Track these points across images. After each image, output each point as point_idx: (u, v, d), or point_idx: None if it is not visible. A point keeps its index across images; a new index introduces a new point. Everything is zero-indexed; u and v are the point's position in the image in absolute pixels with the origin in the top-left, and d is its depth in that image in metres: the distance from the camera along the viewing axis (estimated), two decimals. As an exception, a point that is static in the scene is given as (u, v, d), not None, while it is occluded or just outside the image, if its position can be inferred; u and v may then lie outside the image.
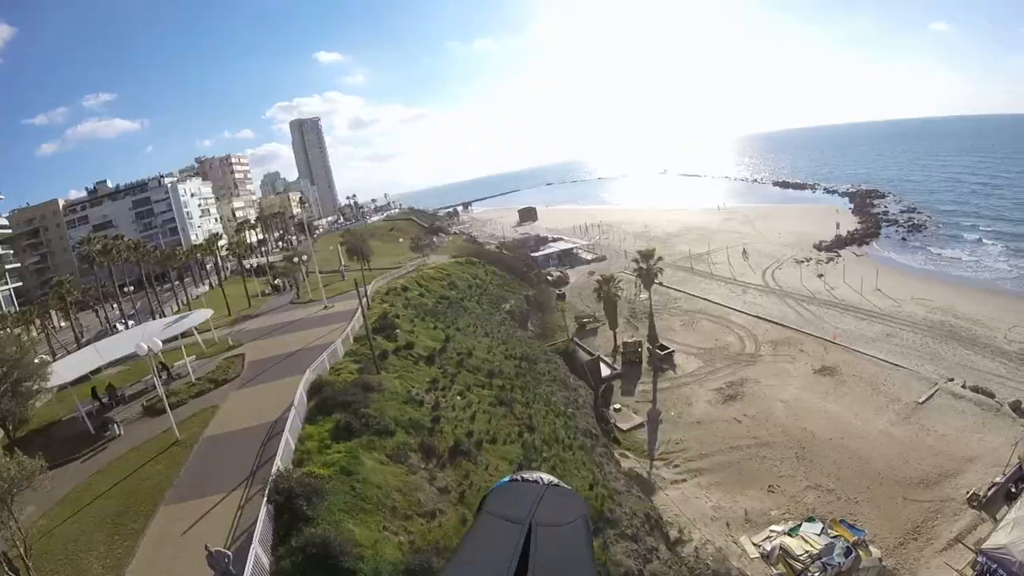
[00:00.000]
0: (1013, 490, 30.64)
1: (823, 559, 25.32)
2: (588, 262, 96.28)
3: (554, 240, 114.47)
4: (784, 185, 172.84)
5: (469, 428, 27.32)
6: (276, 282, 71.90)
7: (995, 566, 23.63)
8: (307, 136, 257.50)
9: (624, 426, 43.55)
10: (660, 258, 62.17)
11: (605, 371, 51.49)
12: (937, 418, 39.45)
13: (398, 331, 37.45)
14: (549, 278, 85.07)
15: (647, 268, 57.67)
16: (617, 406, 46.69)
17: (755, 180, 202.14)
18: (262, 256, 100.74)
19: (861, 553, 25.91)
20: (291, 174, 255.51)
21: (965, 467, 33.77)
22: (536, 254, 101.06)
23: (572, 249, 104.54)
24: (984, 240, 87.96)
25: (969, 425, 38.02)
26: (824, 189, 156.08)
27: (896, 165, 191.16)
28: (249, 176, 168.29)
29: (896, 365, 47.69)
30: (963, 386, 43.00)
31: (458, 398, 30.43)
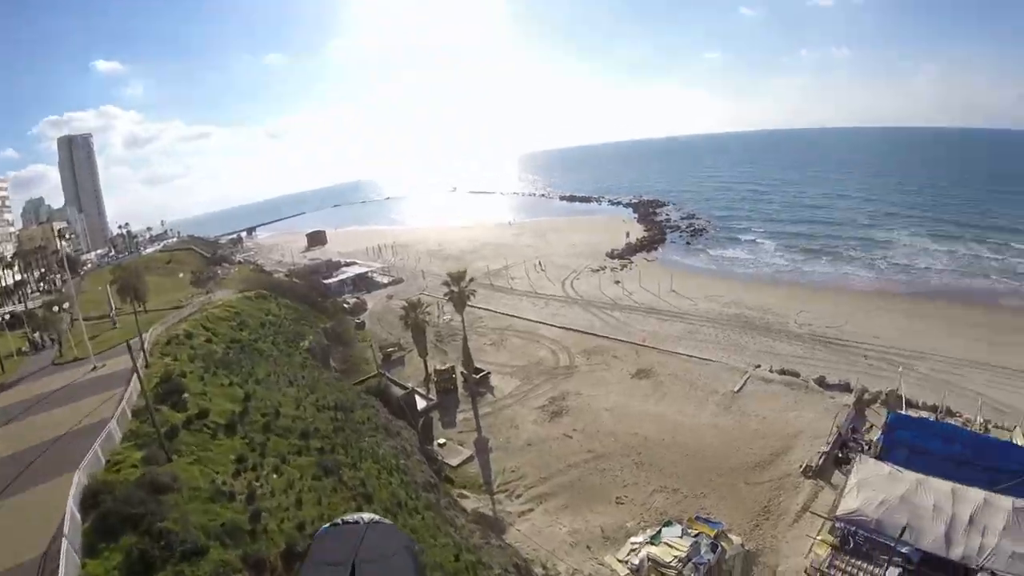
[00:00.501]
0: (840, 455, 34.63)
1: (693, 560, 25.32)
2: (385, 286, 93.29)
3: (347, 265, 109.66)
4: (571, 199, 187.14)
5: (298, 518, 22.13)
6: (35, 335, 58.03)
7: (853, 528, 26.11)
8: (76, 155, 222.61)
9: (453, 462, 40.80)
10: (472, 279, 60.98)
11: (421, 404, 48.56)
12: (755, 403, 43.54)
13: (187, 395, 30.61)
14: (346, 306, 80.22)
15: (459, 291, 55.81)
16: (441, 440, 43.91)
17: (543, 195, 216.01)
18: (19, 302, 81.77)
19: (724, 544, 26.82)
20: (58, 200, 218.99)
21: (792, 443, 37.30)
22: (329, 280, 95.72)
23: (367, 273, 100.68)
24: (759, 240, 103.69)
25: (785, 405, 42.19)
26: (609, 201, 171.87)
27: (674, 177, 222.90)
28: (8, 204, 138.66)
29: (706, 360, 52.12)
30: (771, 370, 47.88)
31: (275, 476, 25.01)
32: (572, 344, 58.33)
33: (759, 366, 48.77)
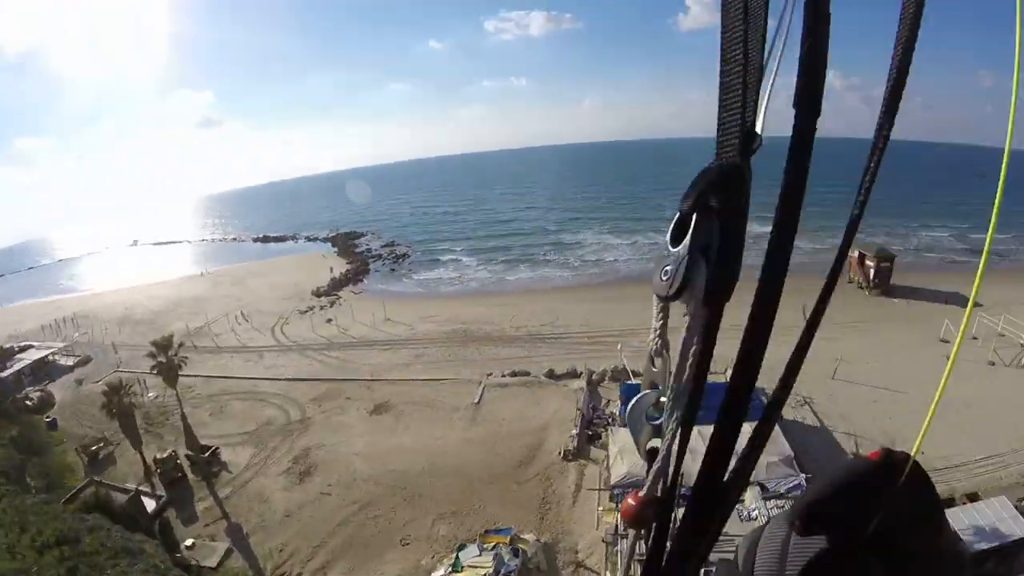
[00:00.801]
0: (591, 433, 38.25)
1: (500, 571, 24.97)
2: (71, 368, 76.31)
3: (21, 350, 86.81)
4: (265, 240, 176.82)
5: None
6: None
7: (630, 489, 27.56)
8: None
9: (211, 562, 34.88)
10: (182, 344, 53.40)
11: (151, 504, 40.78)
12: (498, 409, 45.43)
13: None
14: (29, 403, 64.06)
15: (168, 361, 48.11)
16: (189, 542, 37.28)
17: (235, 238, 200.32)
18: None
19: (522, 546, 27.20)
20: None
21: (543, 435, 39.89)
22: (3, 374, 75.47)
23: (47, 357, 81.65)
24: (460, 258, 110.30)
25: (526, 403, 45.06)
26: (305, 238, 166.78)
27: (369, 207, 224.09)
28: None
29: (439, 379, 52.79)
30: (503, 375, 50.34)
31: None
32: (299, 395, 54.64)
33: (491, 374, 50.99)
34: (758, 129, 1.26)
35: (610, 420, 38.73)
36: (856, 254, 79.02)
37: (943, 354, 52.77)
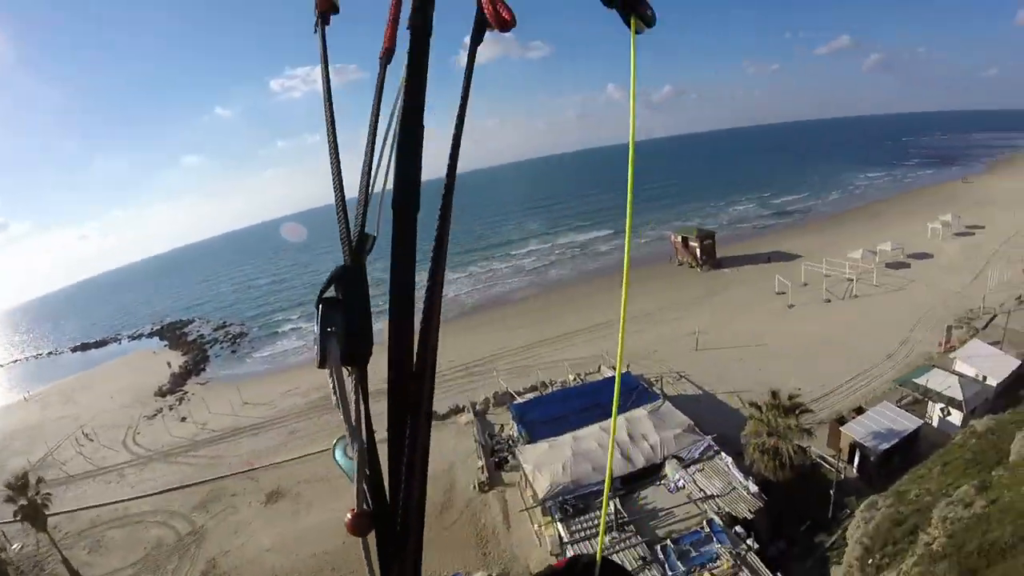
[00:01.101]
0: (497, 460, 40.10)
1: None
2: None
3: None
4: (84, 347, 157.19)
5: None
6: None
7: (560, 498, 30.96)
8: None
9: None
10: (41, 479, 45.96)
11: None
12: None
13: None
14: None
15: (30, 502, 41.12)
16: None
17: (50, 353, 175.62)
18: None
19: None
20: None
21: (453, 475, 41.01)
22: None
23: None
24: (300, 325, 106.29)
25: (437, 443, 43.31)
26: (129, 337, 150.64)
27: (188, 292, 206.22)
28: None
29: (322, 451, 50.97)
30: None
31: None
32: (179, 505, 49.91)
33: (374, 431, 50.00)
34: (371, 230, 1.63)
35: (511, 443, 39.47)
36: (679, 239, 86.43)
37: (784, 304, 59.87)
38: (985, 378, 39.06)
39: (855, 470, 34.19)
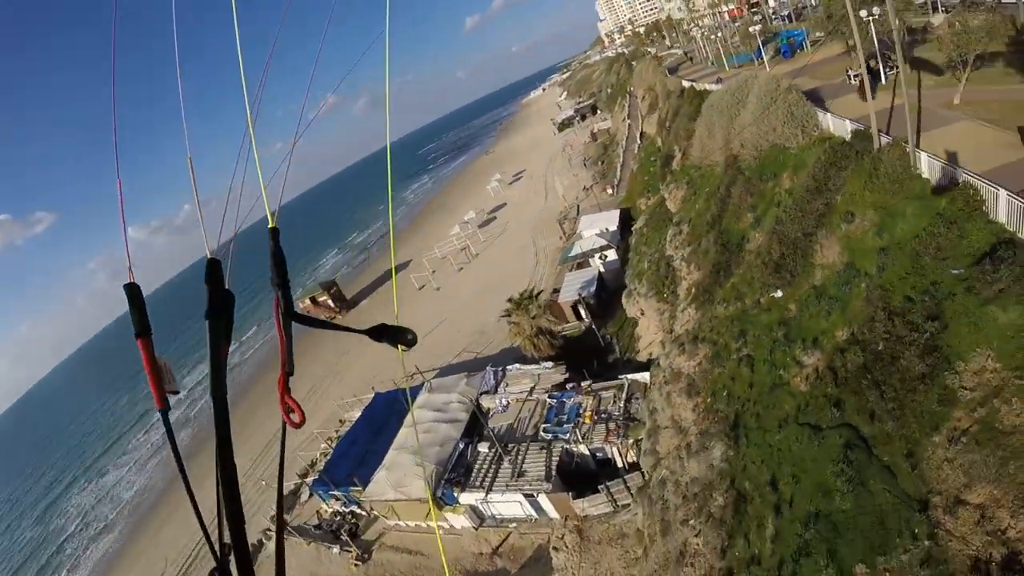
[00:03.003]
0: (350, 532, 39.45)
1: None
2: None
3: None
4: None
5: None
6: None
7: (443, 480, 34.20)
8: None
9: None
10: None
11: None
12: None
13: None
14: None
15: None
16: None
17: None
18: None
19: None
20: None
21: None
22: None
23: None
24: None
25: None
26: None
27: None
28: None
29: None
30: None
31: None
32: None
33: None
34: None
35: (344, 511, 40.84)
36: (308, 301, 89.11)
37: (432, 290, 73.21)
38: (608, 228, 55.28)
39: (588, 319, 45.26)
